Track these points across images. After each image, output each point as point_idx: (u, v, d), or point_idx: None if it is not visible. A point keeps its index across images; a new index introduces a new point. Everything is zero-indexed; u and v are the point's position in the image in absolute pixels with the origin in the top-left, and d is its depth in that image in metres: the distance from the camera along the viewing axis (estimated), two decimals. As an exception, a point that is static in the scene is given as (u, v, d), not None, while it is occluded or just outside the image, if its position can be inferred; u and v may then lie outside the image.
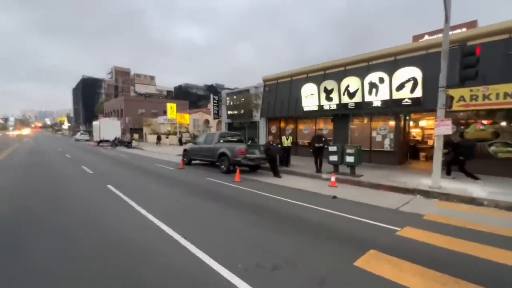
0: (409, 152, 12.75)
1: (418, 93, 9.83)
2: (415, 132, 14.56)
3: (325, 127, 14.02)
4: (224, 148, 10.31)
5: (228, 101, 19.45)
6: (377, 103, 11.00)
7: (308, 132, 14.85)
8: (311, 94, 13.31)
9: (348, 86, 11.77)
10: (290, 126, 15.83)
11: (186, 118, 29.67)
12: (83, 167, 11.24)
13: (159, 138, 28.97)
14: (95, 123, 33.05)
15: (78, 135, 46.12)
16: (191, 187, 7.70)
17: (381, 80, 10.67)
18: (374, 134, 11.97)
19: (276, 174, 9.64)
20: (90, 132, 45.25)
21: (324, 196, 6.66)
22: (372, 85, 10.97)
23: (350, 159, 8.96)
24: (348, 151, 9.00)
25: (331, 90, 12.43)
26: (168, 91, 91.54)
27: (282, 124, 16.43)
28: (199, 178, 9.05)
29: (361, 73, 11.42)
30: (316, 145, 9.68)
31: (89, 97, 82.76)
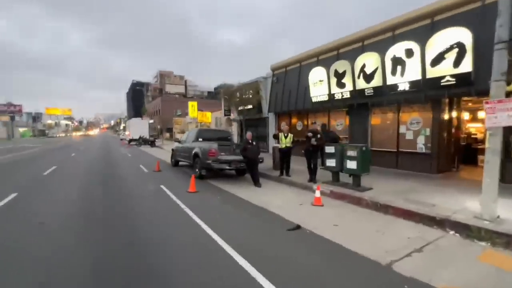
0: (458, 155, 9.08)
1: (467, 66, 6.50)
2: (470, 127, 10.60)
3: (340, 122, 11.09)
4: (197, 148, 8.47)
5: (237, 95, 17.59)
6: (404, 86, 7.85)
7: (342, 128, 12.05)
8: (320, 81, 10.59)
9: (363, 66, 8.80)
10: (301, 122, 13.21)
11: (208, 116, 28.78)
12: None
13: (182, 137, 28.71)
14: (127, 123, 34.65)
15: (121, 135, 49.80)
16: (119, 200, 6.02)
17: (409, 52, 7.51)
18: (402, 129, 8.75)
19: (256, 182, 7.41)
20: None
21: (286, 224, 4.28)
22: (396, 62, 7.86)
23: (351, 164, 6.24)
24: (349, 153, 6.28)
25: (343, 74, 9.56)
26: (209, 92, 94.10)
27: (294, 120, 13.89)
28: (154, 184, 7.33)
29: (382, 47, 8.37)
30: (309, 135, 7.09)
31: (137, 99, 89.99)
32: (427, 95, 7.53)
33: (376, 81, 8.54)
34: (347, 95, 9.62)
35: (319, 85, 10.63)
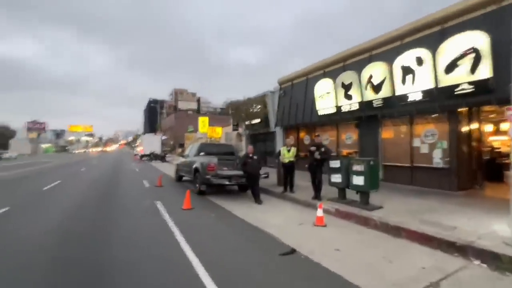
0: (481, 170, 8.22)
1: (485, 72, 5.94)
2: (493, 140, 9.72)
3: (349, 135, 10.54)
4: (198, 162, 8.18)
5: (244, 110, 17.49)
6: (415, 95, 7.32)
7: (328, 143, 11.51)
8: (327, 93, 10.23)
9: (371, 76, 8.38)
10: (309, 136, 12.75)
11: (218, 132, 28.85)
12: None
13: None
14: (140, 138, 35.41)
15: (134, 151, 51.00)
16: (108, 217, 5.74)
17: (420, 60, 7.05)
18: (416, 143, 8.10)
19: (256, 198, 6.96)
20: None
21: (280, 247, 3.79)
22: (406, 70, 7.40)
23: (358, 180, 5.70)
24: (356, 168, 5.76)
25: (350, 85, 9.17)
26: (222, 108, 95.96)
27: (302, 134, 13.45)
28: (151, 200, 7.00)
29: (390, 57, 7.96)
30: (312, 149, 6.63)
31: (153, 116, 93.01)
32: (441, 105, 6.95)
33: (385, 92, 8.06)
34: (355, 107, 9.16)
35: (326, 97, 10.26)
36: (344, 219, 5.41)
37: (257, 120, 15.82)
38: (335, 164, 6.30)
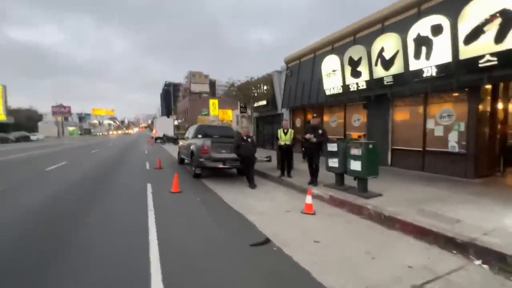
0: (505, 156, 7.30)
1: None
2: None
3: (357, 117, 9.78)
4: (194, 145, 7.96)
5: (253, 91, 16.90)
6: (430, 71, 6.45)
7: (336, 125, 10.84)
8: (333, 71, 9.44)
9: (382, 50, 7.50)
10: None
11: (229, 114, 28.60)
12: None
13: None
14: (154, 121, 36.02)
15: (152, 134, 52.34)
16: (93, 198, 5.70)
17: (437, 29, 6.12)
18: (430, 124, 7.30)
19: (250, 182, 6.69)
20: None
21: (256, 236, 3.50)
22: (421, 42, 6.49)
23: (355, 165, 5.19)
24: (353, 152, 5.23)
25: (358, 61, 8.32)
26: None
27: (309, 116, 12.77)
28: (143, 182, 6.93)
29: (404, 27, 7.02)
30: (307, 137, 6.14)
31: (169, 100, 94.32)
32: (460, 81, 6.07)
33: (397, 67, 7.21)
34: (363, 85, 8.36)
35: (332, 75, 9.48)
36: (338, 207, 5.00)
37: (263, 102, 15.23)
38: (332, 147, 5.79)
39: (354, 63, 8.48)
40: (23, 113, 51.99)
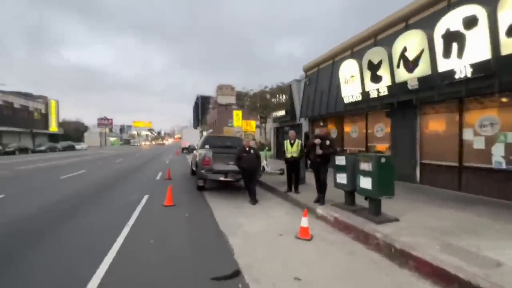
0: None
1: None
2: None
3: (380, 127, 8.72)
4: (198, 156, 7.67)
5: (273, 101, 16.46)
6: (464, 71, 5.39)
7: (357, 136, 9.83)
8: (351, 77, 8.62)
9: (404, 50, 6.58)
10: (336, 128, 11.15)
11: (252, 125, 28.35)
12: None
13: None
14: (182, 133, 37.28)
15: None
16: (86, 209, 5.56)
17: (470, 21, 5.12)
18: (468, 135, 6.09)
19: (251, 197, 6.13)
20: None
21: (227, 266, 2.94)
22: (451, 38, 5.50)
23: (365, 182, 4.37)
24: (363, 166, 4.43)
25: (379, 64, 7.45)
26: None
27: (330, 125, 11.87)
28: (144, 193, 6.73)
29: (430, 23, 6.08)
30: (316, 142, 5.39)
31: (201, 112, 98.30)
32: (503, 81, 4.94)
33: (422, 69, 6.23)
34: (384, 91, 7.42)
35: (350, 81, 8.65)
36: (342, 232, 4.19)
37: (282, 112, 14.67)
38: (340, 160, 5.02)
39: (373, 67, 7.61)
40: (71, 125, 57.70)
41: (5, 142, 30.24)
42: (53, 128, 44.32)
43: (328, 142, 5.41)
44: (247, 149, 6.40)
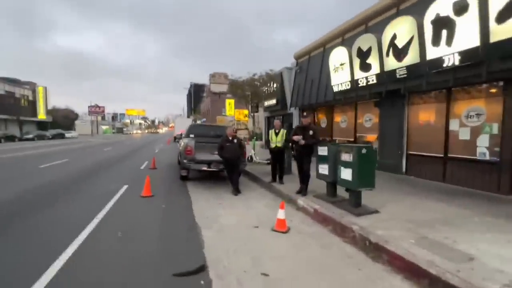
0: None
1: None
2: None
3: (368, 117, 8.59)
4: (182, 145, 7.46)
5: (265, 90, 16.15)
6: (452, 59, 5.21)
7: (346, 126, 9.70)
8: (341, 65, 8.39)
9: (394, 37, 6.36)
10: (326, 118, 11.00)
11: (246, 114, 28.06)
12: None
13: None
14: (174, 121, 36.73)
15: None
16: (61, 197, 5.36)
17: (461, 6, 4.90)
18: (454, 125, 6.00)
19: (233, 188, 5.99)
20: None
21: (194, 259, 2.81)
22: (440, 24, 5.29)
23: (345, 174, 4.25)
24: (344, 157, 4.30)
25: (368, 52, 7.22)
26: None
27: (321, 115, 11.71)
28: (124, 183, 6.54)
29: (421, 9, 5.84)
30: (295, 138, 5.26)
31: (194, 100, 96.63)
32: (491, 70, 4.79)
33: (411, 57, 6.03)
34: (373, 80, 7.23)
35: (340, 69, 8.43)
36: (321, 224, 4.10)
37: (273, 101, 14.41)
38: (322, 151, 4.89)
39: (363, 55, 7.38)
40: (61, 112, 56.29)
41: (-10, 129, 29.37)
42: (41, 115, 43.14)
43: (311, 132, 5.25)
44: (230, 138, 6.20)
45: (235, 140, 6.24)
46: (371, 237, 3.18)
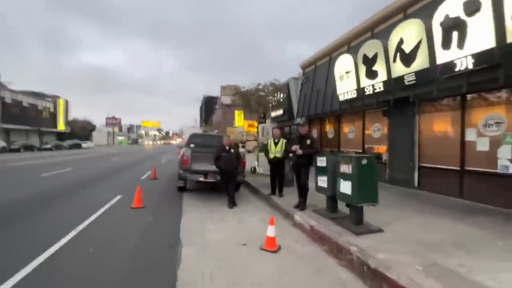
0: None
1: None
2: None
3: (376, 126, 8.10)
4: (181, 155, 7.26)
5: (272, 100, 15.95)
6: (465, 62, 4.77)
7: (354, 137, 9.22)
8: (346, 73, 8.05)
9: (401, 41, 5.99)
10: (333, 128, 10.56)
11: (255, 125, 27.93)
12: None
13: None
14: (184, 132, 37.19)
15: (186, 144, 54.49)
16: (53, 209, 5.21)
17: (472, 5, 4.51)
18: (470, 136, 5.45)
19: (229, 200, 5.67)
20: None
21: (158, 283, 2.49)
22: (450, 25, 4.89)
23: (345, 187, 3.83)
24: (343, 169, 3.90)
25: (374, 58, 6.87)
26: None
27: (328, 126, 11.29)
28: (119, 193, 6.37)
29: (429, 11, 5.48)
30: (293, 149, 4.92)
31: (207, 112, 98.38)
32: (509, 75, 4.31)
33: (420, 62, 5.62)
34: (380, 87, 6.83)
35: (345, 77, 8.09)
36: (317, 243, 3.68)
37: (280, 112, 14.16)
38: (321, 162, 4.50)
39: (368, 62, 7.04)
40: (79, 123, 58.56)
41: (12, 139, 30.78)
42: (61, 126, 45.10)
43: (309, 142, 4.89)
44: (227, 148, 5.94)
45: (232, 150, 5.97)
46: (370, 261, 2.74)
